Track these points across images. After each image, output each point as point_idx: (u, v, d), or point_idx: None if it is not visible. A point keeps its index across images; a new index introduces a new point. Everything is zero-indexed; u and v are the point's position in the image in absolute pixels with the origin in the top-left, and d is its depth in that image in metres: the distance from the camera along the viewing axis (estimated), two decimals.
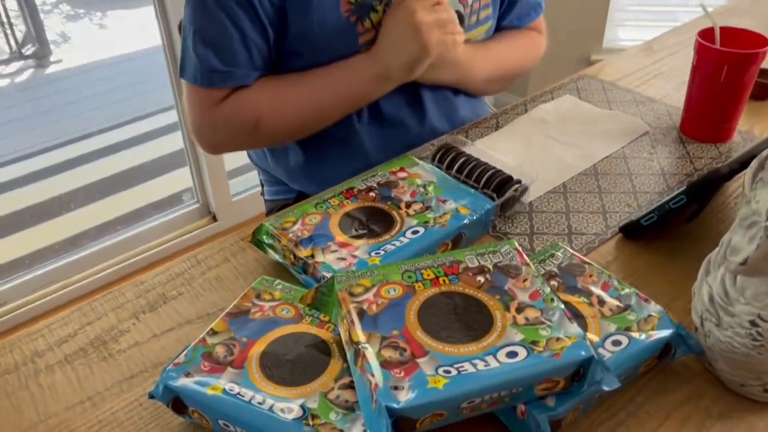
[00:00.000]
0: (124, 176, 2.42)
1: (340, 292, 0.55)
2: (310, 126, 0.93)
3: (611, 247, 0.73)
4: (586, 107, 0.99)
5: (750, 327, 0.50)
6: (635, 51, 1.19)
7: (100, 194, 2.31)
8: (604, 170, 0.86)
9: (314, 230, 0.69)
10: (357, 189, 0.75)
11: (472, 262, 0.59)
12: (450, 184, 0.76)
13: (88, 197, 2.30)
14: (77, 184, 2.38)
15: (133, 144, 2.63)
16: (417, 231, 0.69)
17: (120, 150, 2.60)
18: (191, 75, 0.88)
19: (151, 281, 0.71)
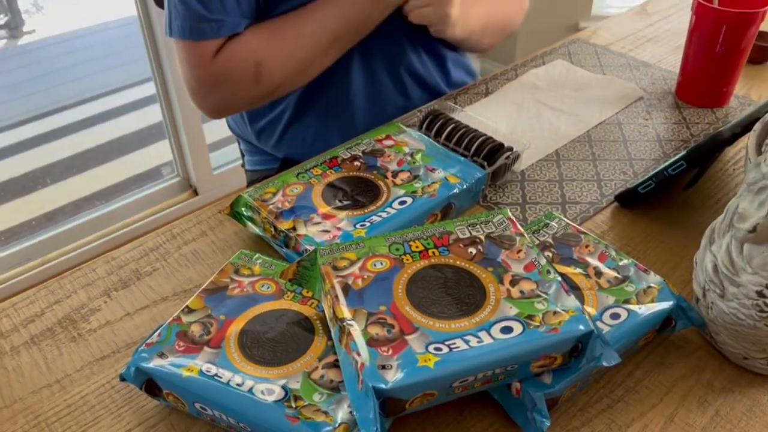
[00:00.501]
0: (102, 150, 2.35)
1: (324, 266, 0.52)
2: (314, 63, 0.86)
3: (607, 216, 0.70)
4: (579, 72, 0.95)
5: (757, 298, 0.47)
6: (629, 14, 1.15)
7: (77, 169, 2.25)
8: (598, 137, 0.82)
9: (296, 201, 0.66)
10: (341, 158, 0.72)
11: (463, 233, 0.55)
12: (439, 152, 0.73)
13: (65, 172, 2.24)
14: (53, 158, 2.31)
15: (111, 117, 2.55)
16: (404, 201, 0.65)
17: (97, 123, 2.52)
18: (179, 30, 0.82)
19: (124, 257, 0.67)
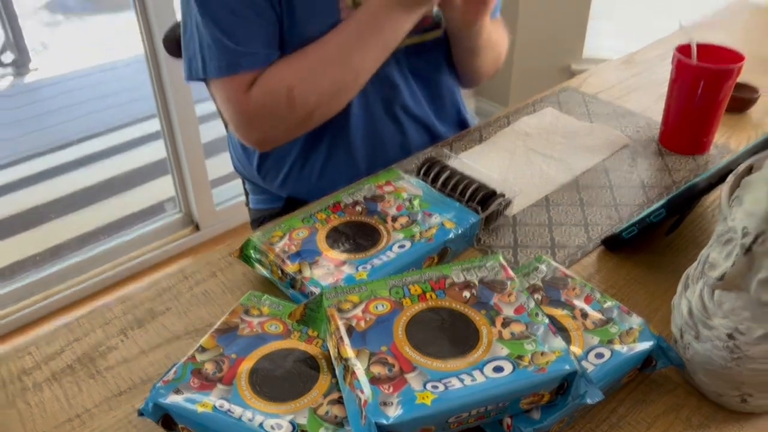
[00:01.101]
0: (106, 185, 2.40)
1: (329, 309, 0.56)
2: (345, 85, 0.89)
3: (594, 260, 0.75)
4: (568, 120, 1.01)
5: (728, 340, 0.51)
6: (616, 64, 1.22)
7: (82, 204, 2.29)
8: (586, 183, 0.87)
9: (302, 245, 0.70)
10: (344, 203, 0.76)
11: (458, 277, 0.60)
12: (435, 197, 0.77)
13: (69, 207, 2.28)
14: (58, 193, 2.36)
15: (115, 153, 2.61)
16: (403, 245, 0.70)
17: (102, 159, 2.58)
18: (215, 69, 0.87)
19: (139, 296, 0.71)
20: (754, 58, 1.20)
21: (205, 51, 0.88)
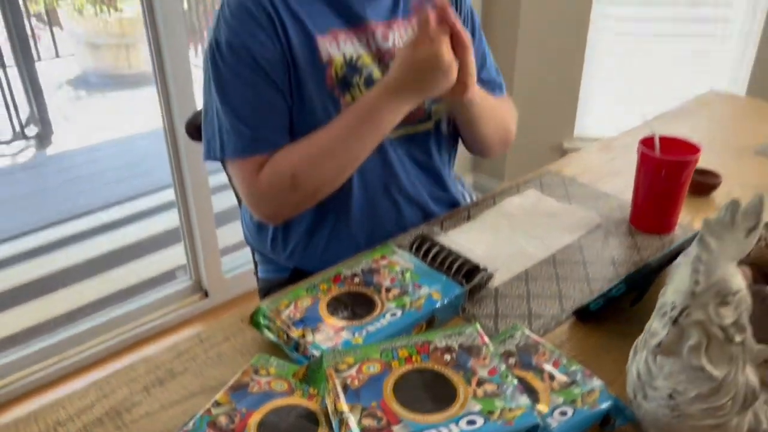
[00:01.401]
0: (121, 253, 2.51)
1: (328, 369, 0.65)
2: (344, 169, 1.00)
3: (566, 329, 0.83)
4: (548, 201, 1.12)
5: (669, 399, 0.60)
6: (595, 149, 1.34)
7: (97, 270, 2.40)
8: (562, 259, 0.97)
9: (305, 313, 0.79)
10: (344, 275, 0.86)
11: (441, 343, 0.69)
12: (425, 271, 0.87)
13: (86, 273, 2.39)
14: (75, 260, 2.47)
15: (131, 222, 2.73)
16: (395, 314, 0.79)
17: (118, 227, 2.70)
18: (233, 150, 0.99)
19: (160, 358, 0.80)
20: (721, 144, 1.33)
21: (224, 135, 1.00)
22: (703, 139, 1.32)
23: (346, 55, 1.02)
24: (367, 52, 1.04)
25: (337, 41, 1.02)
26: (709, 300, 0.55)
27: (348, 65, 1.02)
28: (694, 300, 0.55)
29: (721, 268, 0.56)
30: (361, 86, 1.03)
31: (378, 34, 1.05)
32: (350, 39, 1.03)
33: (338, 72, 1.01)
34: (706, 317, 0.56)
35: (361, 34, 1.04)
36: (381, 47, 1.05)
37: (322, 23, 1.01)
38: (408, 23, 1.09)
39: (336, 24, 1.02)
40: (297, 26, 0.99)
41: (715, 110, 1.52)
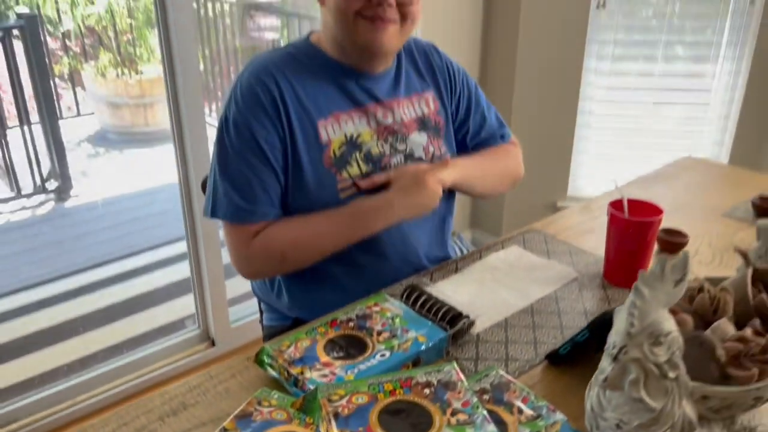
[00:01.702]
0: (134, 302, 2.62)
1: (322, 399, 0.75)
2: (327, 254, 1.13)
3: (538, 371, 0.93)
4: (529, 257, 1.22)
5: (616, 429, 0.69)
6: (576, 209, 1.45)
7: (111, 319, 2.50)
8: (539, 309, 1.07)
9: (304, 352, 0.89)
10: (339, 320, 0.96)
11: (422, 378, 0.78)
12: (413, 317, 0.97)
13: (99, 321, 2.49)
14: (89, 308, 2.58)
15: (144, 272, 2.85)
16: (384, 354, 0.89)
17: (131, 278, 2.82)
18: (223, 214, 1.11)
19: (174, 391, 0.89)
20: (692, 207, 1.44)
21: (218, 199, 1.12)
22: (676, 202, 1.44)
23: (347, 134, 1.15)
24: (367, 130, 1.17)
25: (339, 122, 1.15)
26: (643, 340, 0.65)
27: (348, 143, 1.15)
28: (630, 340, 0.65)
29: (653, 313, 0.66)
30: (360, 161, 1.15)
31: (379, 113, 1.18)
32: (351, 119, 1.16)
33: (336, 151, 1.14)
34: (641, 355, 0.65)
35: (362, 114, 1.17)
36: (381, 124, 1.18)
37: (325, 107, 1.14)
38: (408, 100, 1.23)
39: (338, 107, 1.15)
40: (300, 111, 1.12)
41: (690, 175, 1.63)
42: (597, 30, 2.41)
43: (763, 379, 0.72)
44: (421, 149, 1.23)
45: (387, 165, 1.18)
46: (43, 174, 3.62)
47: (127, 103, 4.45)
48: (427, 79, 1.27)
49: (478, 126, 1.34)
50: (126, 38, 4.71)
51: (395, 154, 1.20)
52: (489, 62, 2.62)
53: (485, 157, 1.32)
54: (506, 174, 1.35)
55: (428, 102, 1.26)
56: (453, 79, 1.30)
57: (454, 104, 1.30)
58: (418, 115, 1.24)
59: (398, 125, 1.20)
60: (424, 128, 1.24)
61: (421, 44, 1.31)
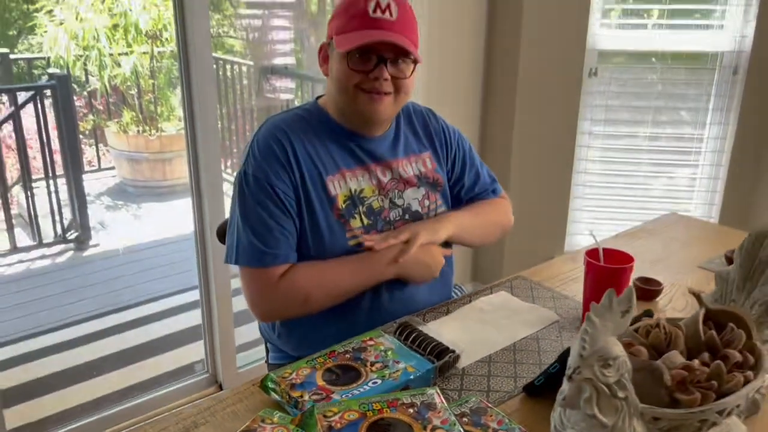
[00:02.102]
0: (146, 347, 2.72)
1: (318, 415, 0.85)
2: (347, 297, 1.26)
3: (516, 401, 1.02)
4: (515, 301, 1.33)
5: None
6: (563, 259, 1.56)
7: (124, 363, 2.60)
8: (521, 347, 1.17)
9: (305, 379, 1.00)
10: (338, 351, 1.07)
11: (407, 400, 0.89)
12: (404, 351, 1.08)
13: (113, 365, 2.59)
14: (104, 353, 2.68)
15: (156, 319, 2.96)
16: (376, 382, 0.99)
17: (144, 324, 2.93)
18: (248, 260, 1.22)
19: (187, 412, 0.99)
20: (670, 259, 1.54)
21: (240, 247, 1.24)
22: (656, 255, 1.56)
23: (351, 189, 1.28)
24: (369, 186, 1.30)
25: (344, 178, 1.28)
26: (594, 362, 0.76)
27: (351, 197, 1.28)
28: (582, 362, 0.76)
29: (603, 339, 0.76)
30: (363, 215, 1.28)
31: (379, 171, 1.32)
32: (355, 176, 1.29)
33: (343, 204, 1.27)
34: (593, 375, 0.76)
35: (365, 172, 1.30)
36: (381, 181, 1.31)
37: (332, 165, 1.27)
38: (407, 160, 1.36)
39: (344, 164, 1.29)
40: (311, 166, 1.25)
41: (672, 231, 1.74)
42: (590, 96, 2.57)
43: (706, 404, 0.81)
44: (417, 203, 1.36)
45: (387, 218, 1.31)
46: (64, 224, 3.78)
47: (146, 158, 4.65)
48: (424, 141, 1.41)
49: (473, 182, 1.47)
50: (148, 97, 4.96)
51: (394, 208, 1.33)
52: (488, 126, 2.78)
53: (476, 209, 1.45)
54: (496, 223, 1.48)
55: (425, 162, 1.39)
56: (449, 140, 1.44)
57: (450, 163, 1.44)
58: (416, 173, 1.37)
59: (396, 182, 1.34)
60: (422, 184, 1.37)
61: (419, 109, 1.45)
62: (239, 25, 4.83)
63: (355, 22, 1.20)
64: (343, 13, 1.22)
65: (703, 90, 2.55)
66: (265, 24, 4.31)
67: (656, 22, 2.56)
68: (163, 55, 4.86)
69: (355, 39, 1.19)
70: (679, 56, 2.57)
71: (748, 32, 2.41)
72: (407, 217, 1.34)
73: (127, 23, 4.42)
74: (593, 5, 2.43)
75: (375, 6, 1.19)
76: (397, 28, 1.20)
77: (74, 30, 4.38)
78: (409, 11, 1.24)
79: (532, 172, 2.69)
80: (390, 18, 1.20)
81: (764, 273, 1.01)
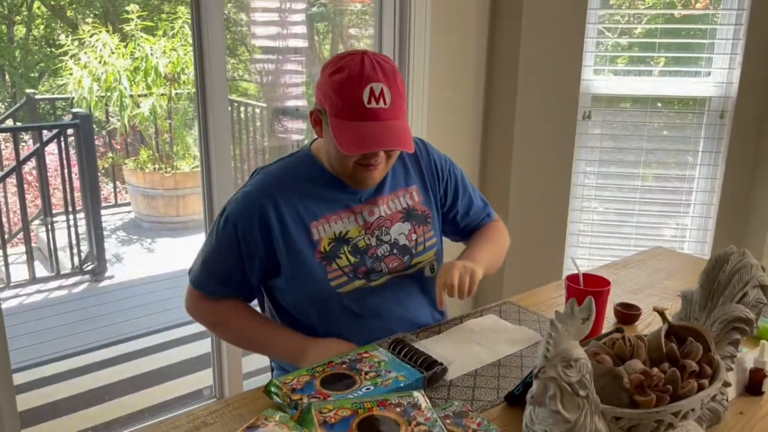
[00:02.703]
0: (157, 374, 2.82)
1: (314, 411, 0.95)
2: (240, 346, 1.44)
3: (498, 410, 1.12)
4: (503, 323, 1.43)
5: None
6: (550, 287, 1.66)
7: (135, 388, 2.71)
8: (505, 363, 1.26)
9: (305, 385, 1.10)
10: (335, 362, 1.17)
11: (395, 400, 0.99)
12: (396, 362, 1.18)
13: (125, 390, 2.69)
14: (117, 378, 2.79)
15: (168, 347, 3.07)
16: (369, 388, 1.09)
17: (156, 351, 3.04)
18: (193, 277, 1.40)
19: (198, 413, 1.10)
20: (652, 288, 1.64)
21: (195, 266, 1.40)
22: (639, 283, 1.66)
23: (336, 232, 1.33)
24: (355, 227, 1.35)
25: (329, 222, 1.34)
26: (557, 363, 0.86)
27: (336, 239, 1.33)
28: (547, 362, 0.86)
29: (564, 343, 0.87)
30: (348, 254, 1.34)
31: (365, 212, 1.36)
32: (340, 219, 1.35)
33: (326, 247, 1.32)
34: (556, 374, 0.86)
35: (350, 213, 1.35)
36: (367, 221, 1.36)
37: (317, 211, 1.33)
38: (393, 195, 1.41)
39: (330, 209, 1.34)
40: (294, 215, 1.31)
41: (656, 262, 1.84)
42: (584, 138, 2.70)
43: (660, 405, 0.91)
44: (404, 238, 1.40)
45: (374, 255, 1.36)
46: (82, 256, 3.92)
47: (161, 194, 4.82)
48: (413, 174, 1.45)
49: (467, 207, 1.55)
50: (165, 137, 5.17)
51: (381, 244, 1.37)
52: (488, 166, 2.91)
53: (488, 243, 1.51)
54: (503, 249, 1.57)
55: (413, 195, 1.44)
56: (439, 171, 1.48)
57: (442, 191, 1.49)
58: (403, 207, 1.42)
59: (382, 219, 1.38)
60: (408, 218, 1.41)
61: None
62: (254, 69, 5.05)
63: (351, 110, 1.21)
64: (337, 95, 1.22)
65: (692, 133, 2.67)
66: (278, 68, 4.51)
67: (646, 69, 2.71)
68: (181, 96, 5.09)
69: (353, 138, 1.21)
70: (669, 101, 2.71)
71: (733, 79, 2.55)
72: (395, 252, 1.39)
73: (148, 66, 4.65)
74: (586, 53, 2.58)
75: (369, 95, 1.19)
76: (392, 115, 1.22)
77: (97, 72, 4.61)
78: (400, 88, 1.25)
79: (530, 209, 2.81)
80: (385, 106, 1.21)
81: (723, 294, 1.12)
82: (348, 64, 1.22)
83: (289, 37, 3.88)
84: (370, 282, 1.37)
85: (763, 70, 2.53)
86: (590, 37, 2.57)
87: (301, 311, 1.38)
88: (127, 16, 4.83)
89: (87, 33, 4.72)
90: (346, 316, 1.36)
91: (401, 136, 1.24)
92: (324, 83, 1.25)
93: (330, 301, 1.34)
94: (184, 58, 4.74)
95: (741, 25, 2.49)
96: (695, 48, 2.66)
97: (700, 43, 2.64)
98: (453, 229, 1.56)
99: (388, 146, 1.24)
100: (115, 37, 4.81)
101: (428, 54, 2.52)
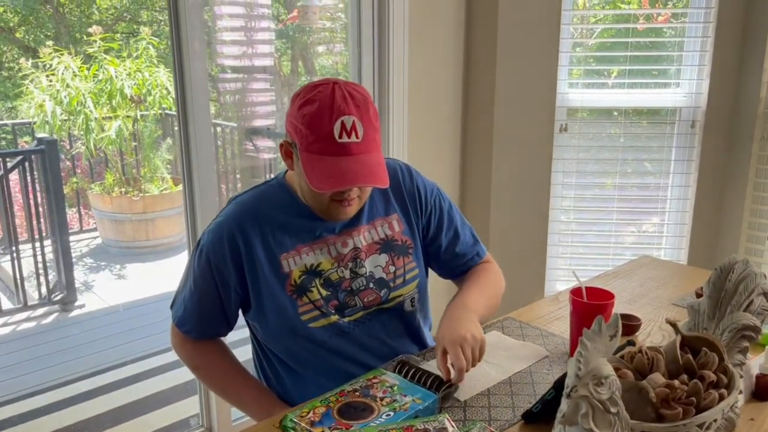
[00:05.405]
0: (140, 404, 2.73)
1: None
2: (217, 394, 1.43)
3: (516, 428, 1.11)
4: (507, 339, 1.43)
5: None
6: (547, 300, 1.67)
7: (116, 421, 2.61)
8: (516, 380, 1.26)
9: (322, 417, 1.07)
10: (347, 390, 1.15)
11: (420, 426, 0.97)
12: (408, 385, 1.16)
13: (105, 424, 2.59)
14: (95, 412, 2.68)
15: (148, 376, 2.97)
16: (389, 414, 1.07)
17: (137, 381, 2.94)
18: (174, 314, 1.37)
19: None
20: (646, 297, 1.67)
21: (181, 305, 1.36)
22: (633, 294, 1.68)
23: (307, 264, 1.28)
24: (327, 258, 1.30)
25: (300, 254, 1.29)
26: (588, 381, 0.86)
27: (308, 272, 1.28)
28: (578, 381, 0.86)
29: (594, 360, 0.87)
30: (320, 287, 1.29)
31: (338, 243, 1.31)
32: (312, 250, 1.29)
33: (296, 280, 1.27)
34: (588, 393, 0.86)
35: (323, 245, 1.30)
36: (340, 252, 1.31)
37: (289, 243, 1.28)
38: (371, 225, 1.34)
39: (301, 240, 1.29)
40: (265, 248, 1.27)
41: (646, 272, 1.88)
42: (561, 150, 2.75)
43: (687, 418, 0.92)
44: (381, 270, 1.34)
45: (347, 288, 1.31)
46: (50, 286, 3.79)
47: (129, 218, 4.71)
48: (393, 202, 1.38)
49: (451, 242, 1.44)
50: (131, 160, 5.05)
51: (356, 277, 1.32)
52: (467, 182, 2.93)
53: (481, 289, 1.41)
54: (498, 295, 1.47)
55: (392, 225, 1.37)
56: (422, 199, 1.40)
57: (424, 221, 1.41)
58: (381, 238, 1.35)
59: (357, 251, 1.32)
60: (386, 249, 1.35)
61: (393, 167, 1.39)
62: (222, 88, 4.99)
63: (322, 145, 1.16)
64: (307, 129, 1.17)
65: (664, 142, 2.74)
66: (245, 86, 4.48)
67: (617, 81, 2.77)
68: (146, 117, 4.99)
69: (325, 174, 1.16)
70: (641, 112, 2.77)
71: (702, 89, 2.63)
72: (371, 285, 1.33)
73: (113, 88, 4.56)
74: (561, 67, 2.63)
75: (341, 129, 1.15)
76: (365, 149, 1.18)
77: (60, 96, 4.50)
78: (372, 119, 1.19)
79: (510, 222, 2.83)
80: (357, 140, 1.16)
81: (731, 302, 1.14)
82: (318, 96, 1.17)
83: (255, 57, 3.86)
84: (344, 317, 1.32)
85: (730, 80, 2.61)
86: (564, 51, 2.61)
87: (276, 346, 1.36)
88: (89, 38, 4.73)
89: (48, 56, 4.60)
90: (320, 353, 1.32)
91: (375, 170, 1.19)
92: (293, 115, 1.20)
93: (301, 336, 1.29)
94: (149, 79, 4.66)
95: (708, 37, 2.58)
96: (665, 60, 2.74)
97: (670, 55, 2.72)
98: (437, 264, 1.47)
99: (360, 183, 1.17)
100: (78, 60, 4.70)
101: (406, 70, 2.54)
